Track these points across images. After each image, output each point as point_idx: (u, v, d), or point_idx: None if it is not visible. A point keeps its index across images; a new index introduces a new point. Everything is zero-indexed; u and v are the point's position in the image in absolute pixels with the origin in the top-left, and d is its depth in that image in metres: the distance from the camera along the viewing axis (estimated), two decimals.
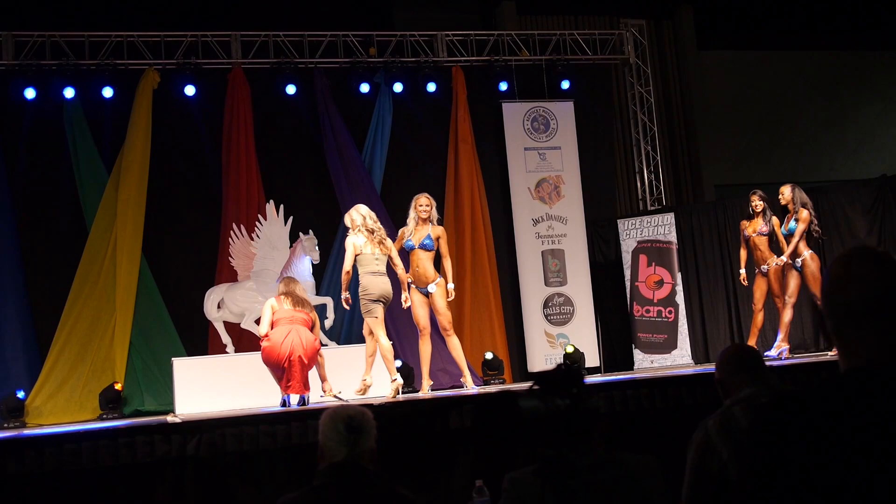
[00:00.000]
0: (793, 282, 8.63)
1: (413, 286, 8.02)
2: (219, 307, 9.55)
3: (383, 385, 9.10)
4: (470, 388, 8.03)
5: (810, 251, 8.55)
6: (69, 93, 9.99)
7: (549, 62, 11.57)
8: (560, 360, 10.57)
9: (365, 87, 10.84)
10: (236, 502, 5.52)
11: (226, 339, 9.58)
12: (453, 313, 8.35)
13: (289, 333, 7.23)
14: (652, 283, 10.96)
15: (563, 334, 10.93)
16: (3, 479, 5.34)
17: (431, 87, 11.02)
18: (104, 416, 9.16)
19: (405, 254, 8.20)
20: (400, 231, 8.20)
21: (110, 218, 9.96)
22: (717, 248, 11.00)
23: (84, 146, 10.11)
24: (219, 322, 9.59)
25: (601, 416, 2.22)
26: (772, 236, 8.88)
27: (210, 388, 8.71)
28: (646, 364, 10.82)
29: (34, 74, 9.95)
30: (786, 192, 8.77)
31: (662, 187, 12.22)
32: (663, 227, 11.00)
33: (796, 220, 8.63)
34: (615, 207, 12.03)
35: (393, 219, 10.14)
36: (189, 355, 9.52)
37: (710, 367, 8.67)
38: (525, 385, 7.45)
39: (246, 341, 9.65)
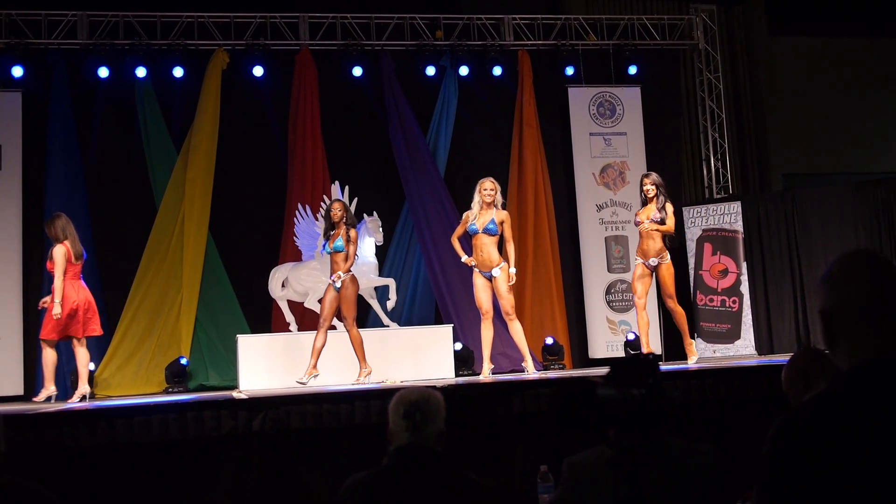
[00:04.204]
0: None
1: (476, 270, 8.04)
2: (283, 286, 9.67)
3: (437, 368, 9.17)
4: (531, 373, 8.04)
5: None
6: (141, 72, 10.16)
7: (617, 47, 11.44)
8: (622, 347, 10.51)
9: (431, 71, 10.85)
10: (299, 479, 5.60)
11: (289, 317, 9.71)
12: (514, 298, 8.34)
13: None
14: (716, 272, 10.82)
15: (624, 321, 10.85)
16: (76, 449, 5.48)
17: (497, 70, 10.98)
18: (169, 390, 9.35)
19: (468, 237, 8.21)
20: (464, 215, 8.22)
21: (179, 196, 10.13)
22: (784, 238, 10.81)
23: (154, 125, 10.29)
24: (283, 301, 9.71)
25: (676, 406, 2.22)
26: (665, 224, 8.38)
27: (273, 365, 8.84)
28: (708, 354, 10.70)
29: (107, 54, 10.13)
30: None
31: (729, 175, 12.04)
32: (729, 216, 10.85)
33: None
34: (681, 195, 11.87)
35: (456, 202, 10.18)
36: (253, 332, 9.66)
37: (774, 359, 8.55)
38: (588, 371, 7.41)
39: (309, 320, 9.77)
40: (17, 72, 9.93)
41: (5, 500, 2.52)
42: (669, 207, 8.43)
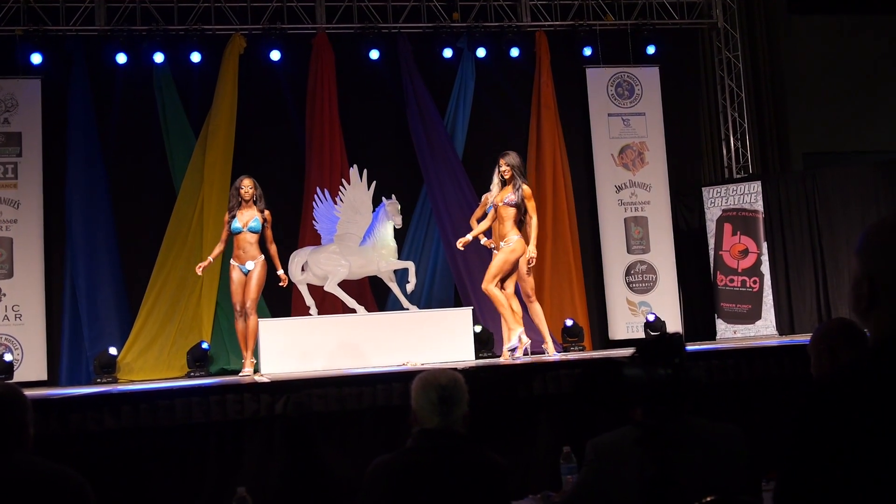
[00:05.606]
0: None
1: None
2: (303, 270, 9.68)
3: (457, 350, 9.16)
4: (552, 355, 8.03)
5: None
6: (159, 58, 10.18)
7: (635, 27, 11.37)
8: (642, 328, 10.49)
9: (448, 53, 10.82)
10: (323, 461, 5.63)
11: (309, 301, 9.71)
12: (534, 280, 8.32)
13: None
14: (737, 253, 10.78)
15: (645, 302, 10.83)
16: (101, 433, 5.53)
17: (515, 52, 10.93)
18: (191, 374, 9.40)
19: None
20: (483, 197, 8.21)
21: (198, 181, 10.17)
22: (804, 217, 10.75)
23: (173, 110, 10.32)
24: (302, 284, 9.72)
25: (701, 386, 2.22)
26: (520, 208, 7.75)
27: (294, 349, 8.86)
28: (728, 334, 10.68)
29: (125, 40, 10.15)
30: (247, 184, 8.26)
31: (749, 155, 11.95)
32: (750, 196, 10.79)
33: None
34: (700, 175, 11.83)
35: (474, 184, 10.16)
36: (273, 317, 9.70)
37: (795, 339, 8.51)
38: (608, 353, 7.39)
39: (329, 304, 9.79)
40: (36, 59, 9.97)
41: (37, 481, 2.55)
42: (527, 190, 7.81)
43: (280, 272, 8.35)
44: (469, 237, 8.04)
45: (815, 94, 12.89)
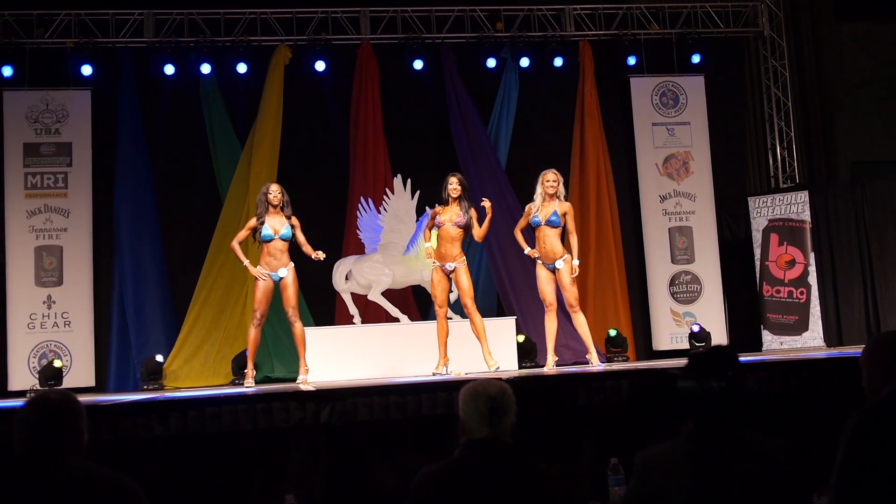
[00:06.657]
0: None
1: (539, 262, 8.01)
2: (346, 279, 9.74)
3: (500, 360, 9.13)
4: (596, 365, 7.99)
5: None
6: (205, 69, 10.32)
7: (680, 36, 11.30)
8: (686, 339, 10.40)
9: (491, 62, 10.84)
10: (367, 470, 5.65)
11: (353, 310, 9.77)
12: (577, 290, 8.29)
13: None
14: (783, 263, 10.65)
15: (689, 313, 10.74)
16: (150, 439, 5.59)
17: (558, 61, 10.93)
18: (236, 382, 9.48)
19: (531, 230, 8.18)
20: (527, 207, 8.18)
21: (243, 190, 10.27)
22: (853, 228, 10.60)
23: (219, 120, 10.46)
24: (346, 293, 9.78)
25: (755, 399, 2.20)
26: (467, 230, 7.83)
27: (337, 357, 8.92)
28: (775, 345, 10.55)
29: (173, 51, 10.31)
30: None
31: (796, 164, 11.81)
32: (796, 206, 10.66)
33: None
34: (746, 184, 11.71)
35: (518, 194, 10.15)
36: (317, 325, 9.76)
37: (844, 351, 8.38)
38: (652, 364, 7.32)
39: (372, 313, 9.84)
40: (87, 70, 10.16)
41: (93, 487, 2.59)
42: (474, 213, 7.89)
43: (313, 254, 7.98)
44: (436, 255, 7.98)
45: (863, 101, 12.70)
